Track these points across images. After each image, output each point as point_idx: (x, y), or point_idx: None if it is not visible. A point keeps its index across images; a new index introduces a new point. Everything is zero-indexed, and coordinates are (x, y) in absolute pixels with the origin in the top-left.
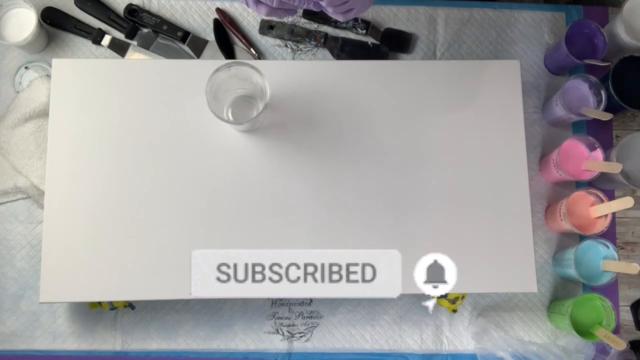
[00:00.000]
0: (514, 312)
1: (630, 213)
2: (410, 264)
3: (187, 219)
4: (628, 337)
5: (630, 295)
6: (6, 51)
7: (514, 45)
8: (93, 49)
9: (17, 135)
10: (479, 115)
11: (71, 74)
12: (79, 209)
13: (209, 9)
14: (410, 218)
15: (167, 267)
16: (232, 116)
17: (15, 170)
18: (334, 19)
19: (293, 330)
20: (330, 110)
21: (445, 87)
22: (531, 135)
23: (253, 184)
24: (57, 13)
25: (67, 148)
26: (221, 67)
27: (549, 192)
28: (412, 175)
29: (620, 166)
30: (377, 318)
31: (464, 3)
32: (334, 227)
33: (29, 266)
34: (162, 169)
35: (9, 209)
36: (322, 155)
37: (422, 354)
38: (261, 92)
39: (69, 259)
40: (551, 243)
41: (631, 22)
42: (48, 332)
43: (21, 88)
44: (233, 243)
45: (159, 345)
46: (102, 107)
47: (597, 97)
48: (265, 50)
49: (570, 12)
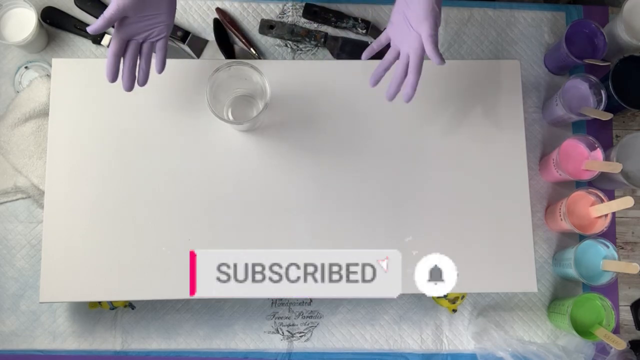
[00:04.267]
0: (514, 312)
1: (630, 213)
2: (410, 264)
3: (187, 219)
4: (628, 336)
5: (630, 295)
6: (6, 51)
7: (514, 45)
8: (93, 49)
9: (17, 134)
10: (479, 115)
11: (71, 73)
12: (79, 208)
13: (209, 8)
14: (410, 218)
15: (167, 267)
16: (232, 116)
17: (15, 169)
18: (334, 19)
19: (293, 330)
20: (330, 110)
21: (445, 87)
22: (531, 135)
23: (253, 183)
24: (57, 13)
25: (67, 148)
26: (221, 66)
27: (549, 192)
28: (412, 175)
29: (620, 166)
30: (377, 318)
31: (464, 3)
32: (334, 227)
33: (29, 266)
34: (162, 168)
35: (9, 208)
36: (322, 155)
37: (422, 353)
38: (261, 92)
39: (69, 259)
40: (551, 243)
41: (631, 22)
42: (48, 331)
43: (21, 88)
44: (233, 243)
45: (159, 345)
46: (102, 106)
47: (597, 96)
48: (265, 50)
49: (570, 12)
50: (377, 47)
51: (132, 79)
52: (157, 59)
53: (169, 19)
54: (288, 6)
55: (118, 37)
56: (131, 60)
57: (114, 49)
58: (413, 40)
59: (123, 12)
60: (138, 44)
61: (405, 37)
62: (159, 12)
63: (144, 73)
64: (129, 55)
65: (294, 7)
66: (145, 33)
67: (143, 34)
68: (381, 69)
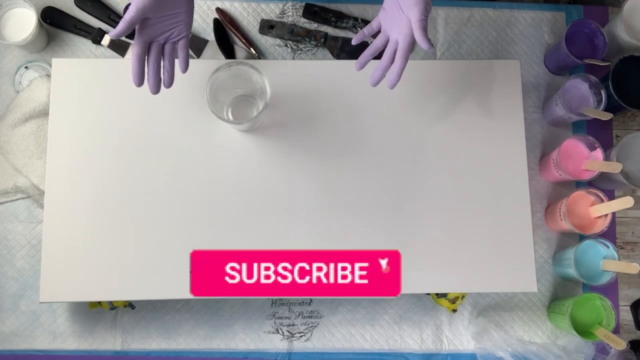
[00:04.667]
0: (514, 312)
1: (630, 213)
2: (410, 264)
3: (187, 219)
4: (628, 336)
5: (630, 295)
6: (6, 51)
7: (514, 45)
8: (93, 49)
9: (17, 134)
10: (479, 115)
11: (71, 73)
12: (79, 208)
13: (209, 8)
14: (410, 218)
15: (167, 267)
16: (232, 116)
17: (15, 169)
18: (334, 19)
19: (293, 330)
20: (330, 109)
21: (445, 87)
22: (531, 135)
23: (253, 183)
24: (57, 13)
25: (67, 148)
26: (221, 66)
27: (549, 192)
28: (412, 175)
29: (620, 166)
30: (377, 318)
31: (464, 3)
32: (334, 227)
33: (29, 266)
34: (162, 168)
35: (9, 208)
36: (323, 155)
37: (422, 353)
38: (261, 92)
39: (69, 259)
40: (551, 243)
41: (631, 22)
42: (48, 331)
43: (21, 88)
44: (233, 243)
45: (159, 345)
46: (102, 106)
47: (597, 96)
48: (265, 50)
49: (570, 12)
50: (368, 33)
51: (158, 82)
52: (180, 59)
53: (189, 17)
54: (288, 6)
55: (140, 39)
56: (155, 63)
57: (137, 52)
58: (403, 26)
59: (143, 13)
60: (160, 45)
61: (395, 22)
62: (179, 10)
63: (169, 74)
64: (152, 57)
65: (294, 7)
66: (166, 34)
67: (164, 35)
68: (368, 54)
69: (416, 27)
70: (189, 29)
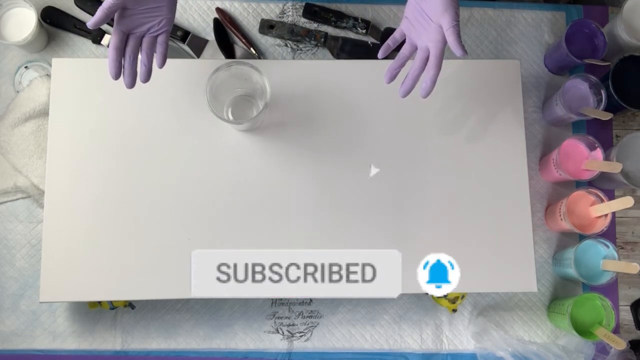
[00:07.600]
0: (514, 311)
1: (630, 213)
2: (411, 264)
3: (187, 219)
4: (628, 336)
5: (630, 295)
6: (6, 51)
7: (514, 45)
8: (93, 49)
9: (17, 134)
10: (479, 115)
11: (71, 73)
12: (79, 208)
13: (209, 8)
14: (410, 218)
15: (167, 267)
16: (232, 116)
17: (15, 169)
18: (334, 19)
19: (293, 329)
20: (330, 110)
21: (445, 86)
22: (531, 135)
23: (253, 183)
24: (57, 13)
25: (67, 147)
26: (221, 66)
27: (549, 192)
28: (411, 174)
29: (620, 166)
30: (377, 318)
31: (464, 3)
32: (334, 227)
33: (29, 266)
34: (162, 168)
35: (9, 208)
36: (322, 155)
37: (422, 353)
38: (261, 92)
39: (69, 258)
40: (551, 243)
41: (631, 22)
42: (48, 331)
43: (21, 87)
44: (233, 243)
45: (159, 345)
46: (102, 106)
47: (597, 96)
48: (265, 50)
49: (570, 11)
50: (393, 44)
51: (133, 75)
52: (157, 53)
53: (170, 13)
54: (288, 6)
55: (118, 29)
56: (132, 54)
57: (114, 43)
58: (434, 33)
59: (122, 2)
60: (139, 37)
61: (423, 30)
62: (160, 4)
63: (146, 68)
64: (129, 48)
65: (294, 7)
66: (145, 26)
67: (143, 27)
68: (397, 65)
69: (449, 33)
70: (170, 25)
